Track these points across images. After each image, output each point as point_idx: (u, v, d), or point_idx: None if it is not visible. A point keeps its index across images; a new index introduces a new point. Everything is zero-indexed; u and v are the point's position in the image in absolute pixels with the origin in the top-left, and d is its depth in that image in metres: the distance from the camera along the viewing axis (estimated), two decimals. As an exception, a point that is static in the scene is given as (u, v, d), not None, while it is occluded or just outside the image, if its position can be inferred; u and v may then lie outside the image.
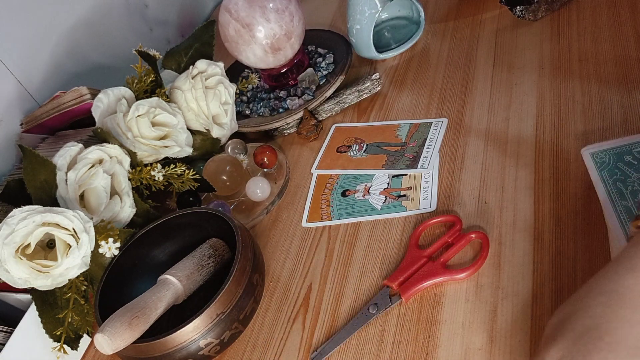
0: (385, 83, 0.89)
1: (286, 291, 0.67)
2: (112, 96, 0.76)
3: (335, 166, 0.79)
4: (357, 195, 0.73)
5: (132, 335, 0.56)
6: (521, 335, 0.53)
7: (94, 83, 0.86)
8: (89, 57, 1.01)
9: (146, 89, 0.80)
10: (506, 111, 0.75)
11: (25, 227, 0.61)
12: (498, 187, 0.66)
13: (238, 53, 0.86)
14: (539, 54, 0.80)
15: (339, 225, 0.71)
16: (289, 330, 0.63)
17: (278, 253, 0.71)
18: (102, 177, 0.69)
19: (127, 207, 0.71)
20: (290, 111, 0.87)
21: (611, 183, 0.57)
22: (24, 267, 0.61)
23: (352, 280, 0.65)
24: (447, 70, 0.86)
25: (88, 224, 0.63)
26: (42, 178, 0.68)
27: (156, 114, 0.76)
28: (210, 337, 0.59)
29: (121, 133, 0.73)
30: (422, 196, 0.69)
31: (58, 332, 0.64)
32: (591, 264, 0.56)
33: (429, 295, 0.60)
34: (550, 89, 0.74)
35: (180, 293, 0.63)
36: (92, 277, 0.68)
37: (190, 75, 0.80)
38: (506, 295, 0.57)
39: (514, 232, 0.61)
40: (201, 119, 0.80)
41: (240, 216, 0.78)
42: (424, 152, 0.74)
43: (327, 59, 0.93)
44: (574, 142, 0.67)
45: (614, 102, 0.69)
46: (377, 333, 0.59)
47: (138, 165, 0.74)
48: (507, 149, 0.70)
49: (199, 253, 0.67)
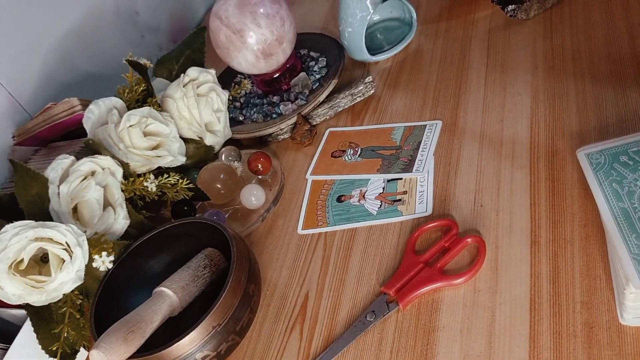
0: (379, 86, 0.89)
1: (283, 300, 0.66)
2: (103, 107, 0.76)
3: (330, 171, 0.78)
4: (352, 200, 0.73)
5: (127, 350, 0.55)
6: (520, 341, 0.53)
7: (86, 93, 0.85)
8: (81, 66, 1.01)
9: (137, 99, 0.79)
10: (500, 112, 0.74)
11: (18, 243, 0.60)
12: (494, 190, 0.66)
13: (230, 59, 0.86)
14: (532, 53, 0.80)
15: (335, 231, 0.71)
16: (287, 339, 0.62)
17: (274, 261, 0.71)
18: (95, 189, 0.69)
19: (120, 219, 0.70)
20: (284, 116, 0.87)
21: (607, 184, 0.56)
22: (18, 283, 0.61)
23: (349, 287, 0.64)
24: (440, 72, 0.85)
25: (81, 237, 0.63)
26: (34, 192, 0.68)
27: (148, 124, 0.75)
28: (207, 350, 0.58)
29: (113, 144, 0.72)
30: (417, 200, 0.69)
31: (54, 348, 0.64)
32: (589, 266, 0.55)
33: (427, 301, 0.59)
34: (544, 89, 0.74)
35: (175, 305, 0.62)
36: (87, 291, 0.67)
37: (182, 83, 0.79)
38: (504, 300, 0.56)
39: (511, 236, 0.61)
40: (194, 127, 0.79)
41: (236, 224, 0.77)
42: (418, 155, 0.74)
43: (320, 63, 0.92)
44: (569, 142, 0.66)
45: (609, 100, 0.68)
46: (375, 341, 0.58)
47: (131, 176, 0.74)
48: (502, 150, 0.69)
49: (195, 263, 0.66)
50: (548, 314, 0.53)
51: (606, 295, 0.53)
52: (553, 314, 0.53)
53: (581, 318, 0.52)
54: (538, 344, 0.52)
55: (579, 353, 0.50)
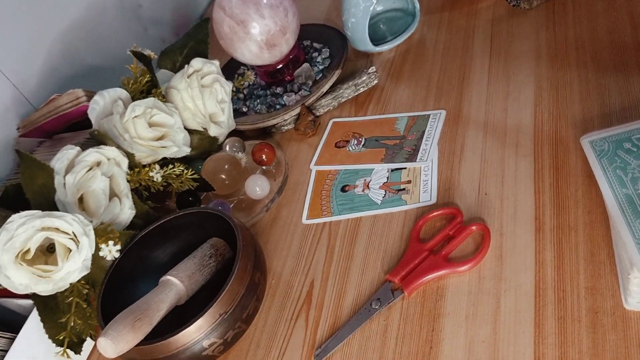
0: (382, 76, 0.89)
1: (288, 289, 0.67)
2: (108, 98, 0.76)
3: (334, 161, 0.79)
4: (356, 190, 0.73)
5: (135, 337, 0.56)
6: (525, 327, 0.53)
7: (90, 85, 0.86)
8: (84, 59, 1.01)
9: (142, 90, 0.80)
10: (504, 101, 0.74)
11: (25, 233, 0.61)
12: (498, 178, 0.66)
13: (233, 50, 0.86)
14: (535, 42, 0.80)
15: (339, 221, 0.71)
16: (292, 327, 0.63)
17: (279, 250, 0.71)
18: (101, 179, 0.69)
19: (126, 209, 0.71)
20: (288, 107, 0.87)
21: (611, 171, 0.57)
22: (25, 273, 0.61)
23: (354, 276, 0.64)
24: (443, 62, 0.86)
25: (88, 227, 0.63)
26: (40, 182, 0.68)
27: (153, 115, 0.75)
28: (213, 337, 0.59)
29: (118, 135, 0.73)
30: (422, 189, 0.69)
31: (61, 337, 0.64)
32: (593, 253, 0.55)
33: (432, 288, 0.60)
34: (548, 78, 0.74)
35: (182, 294, 0.62)
36: (93, 280, 0.68)
37: (186, 75, 0.79)
38: (509, 286, 0.56)
39: (515, 223, 0.61)
40: (198, 118, 0.80)
41: (240, 214, 0.77)
42: (422, 144, 0.74)
43: (323, 54, 0.92)
44: (573, 130, 0.66)
45: (612, 88, 0.68)
46: (380, 328, 0.59)
47: (136, 167, 0.74)
48: (506, 139, 0.69)
49: (200, 253, 0.67)
50: (553, 300, 0.54)
51: (610, 280, 0.53)
52: (558, 300, 0.53)
53: (586, 303, 0.52)
54: (543, 329, 0.52)
55: (583, 338, 0.50)
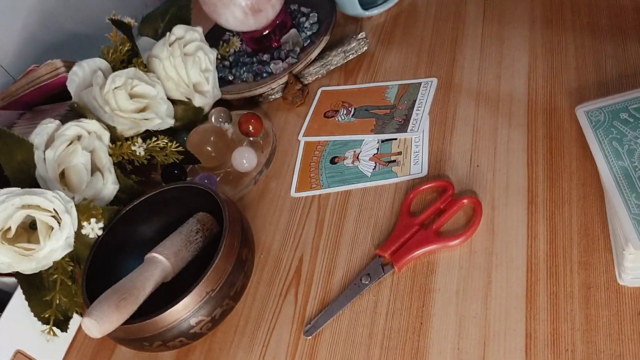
0: (372, 42, 0.86)
1: (277, 264, 0.65)
2: (87, 69, 0.73)
3: (323, 132, 0.77)
4: (346, 162, 0.71)
5: (120, 317, 0.55)
6: (516, 302, 0.52)
7: (71, 54, 0.82)
8: (64, 26, 0.97)
9: (122, 59, 0.77)
10: (497, 68, 0.72)
11: (5, 211, 0.59)
12: (490, 149, 0.64)
13: (217, 16, 0.83)
14: (530, 6, 0.77)
15: (328, 194, 0.69)
16: (282, 303, 0.62)
17: (267, 225, 0.70)
18: (82, 154, 0.67)
19: (109, 184, 0.69)
20: (275, 76, 0.84)
21: (607, 142, 0.55)
22: (7, 252, 0.59)
23: (344, 250, 0.63)
24: (435, 27, 0.83)
25: (69, 204, 0.61)
26: (20, 158, 0.66)
27: (134, 85, 0.72)
28: (201, 315, 0.58)
29: (98, 107, 0.70)
30: (412, 161, 0.67)
31: (46, 315, 0.63)
32: (587, 227, 0.54)
33: (422, 263, 0.59)
34: (543, 44, 0.72)
35: (168, 271, 0.61)
36: (78, 257, 0.66)
37: (168, 42, 0.76)
38: (500, 261, 0.56)
39: (507, 196, 0.60)
40: (182, 88, 0.77)
41: (228, 187, 0.76)
42: (413, 114, 0.72)
43: (311, 19, 0.89)
44: (568, 99, 0.64)
45: (609, 55, 0.66)
46: (370, 304, 0.58)
47: (118, 140, 0.72)
48: (499, 108, 0.68)
49: (187, 229, 0.65)
50: (545, 275, 0.53)
51: (604, 255, 0.52)
52: (550, 275, 0.53)
53: (579, 279, 0.51)
54: (535, 304, 0.51)
55: (576, 313, 0.50)
